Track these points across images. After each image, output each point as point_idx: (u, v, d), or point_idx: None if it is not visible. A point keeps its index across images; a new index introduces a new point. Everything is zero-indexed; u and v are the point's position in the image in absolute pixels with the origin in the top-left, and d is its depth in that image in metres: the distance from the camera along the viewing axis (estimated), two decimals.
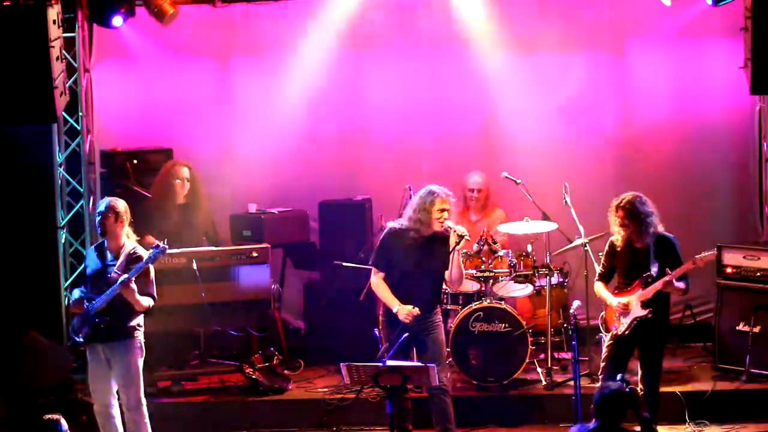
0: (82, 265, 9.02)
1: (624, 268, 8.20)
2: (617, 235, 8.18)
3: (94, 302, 8.02)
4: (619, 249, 8.19)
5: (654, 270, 7.99)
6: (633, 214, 8.00)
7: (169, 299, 9.07)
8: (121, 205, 8.20)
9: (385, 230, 8.40)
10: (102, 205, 8.21)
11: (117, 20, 9.78)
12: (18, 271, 10.45)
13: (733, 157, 10.65)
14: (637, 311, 8.04)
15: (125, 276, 7.93)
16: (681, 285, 8.02)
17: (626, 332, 8.08)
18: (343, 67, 10.79)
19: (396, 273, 8.24)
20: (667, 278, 7.91)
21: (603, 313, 8.30)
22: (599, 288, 8.30)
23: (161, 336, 8.98)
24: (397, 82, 10.80)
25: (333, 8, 10.58)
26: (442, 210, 8.13)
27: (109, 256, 8.16)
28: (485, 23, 10.62)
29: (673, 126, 10.66)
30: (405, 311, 8.10)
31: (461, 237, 8.03)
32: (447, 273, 8.26)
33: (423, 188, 8.31)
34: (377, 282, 8.31)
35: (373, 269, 8.36)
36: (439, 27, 10.68)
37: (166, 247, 8.07)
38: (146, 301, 8.05)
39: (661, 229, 8.11)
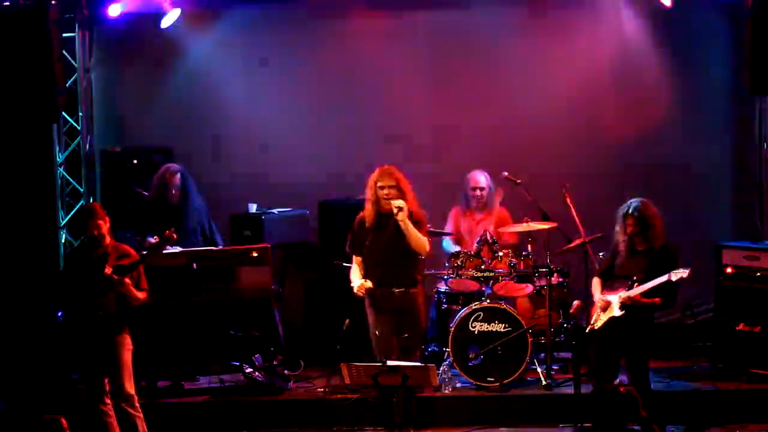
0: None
1: (621, 266, 8.23)
2: (620, 235, 8.20)
3: None
4: (620, 249, 8.22)
5: (642, 276, 8.03)
6: (642, 221, 8.07)
7: (168, 299, 9.07)
8: (98, 205, 8.27)
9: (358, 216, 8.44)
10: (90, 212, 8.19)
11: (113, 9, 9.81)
12: (18, 272, 10.45)
13: (733, 157, 10.65)
14: (615, 311, 8.10)
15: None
16: (653, 300, 7.99)
17: (600, 327, 8.12)
18: (343, 66, 10.79)
19: (368, 256, 8.31)
20: (631, 293, 7.98)
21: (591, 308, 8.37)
22: (594, 283, 8.37)
23: (161, 336, 8.97)
24: (398, 81, 10.80)
25: (333, 9, 10.58)
26: (382, 186, 8.18)
27: (96, 253, 8.15)
28: (485, 23, 10.64)
29: (673, 126, 10.66)
30: (357, 284, 8.25)
31: (399, 209, 8.07)
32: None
33: None
34: (353, 266, 8.43)
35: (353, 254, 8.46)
36: (439, 25, 10.69)
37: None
38: (141, 294, 8.12)
39: (664, 234, 8.14)
